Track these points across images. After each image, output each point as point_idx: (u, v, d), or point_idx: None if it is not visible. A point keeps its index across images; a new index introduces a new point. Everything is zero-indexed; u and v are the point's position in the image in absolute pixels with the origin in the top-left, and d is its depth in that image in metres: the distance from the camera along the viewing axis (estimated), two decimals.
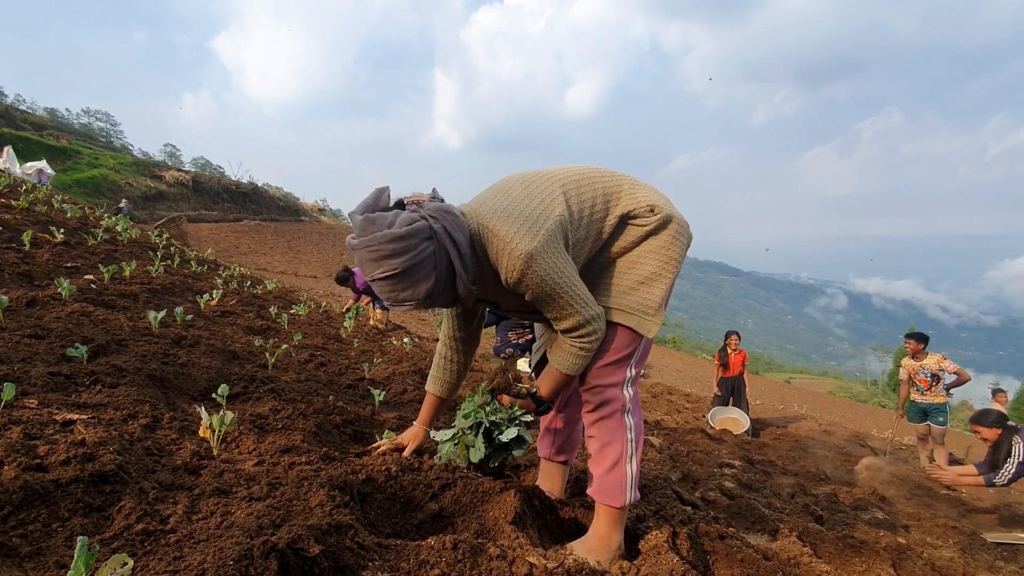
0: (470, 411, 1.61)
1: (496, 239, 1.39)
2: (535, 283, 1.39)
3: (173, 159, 40.54)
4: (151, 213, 22.81)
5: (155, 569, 0.96)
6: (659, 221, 1.58)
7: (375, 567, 1.17)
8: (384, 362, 3.59)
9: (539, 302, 1.45)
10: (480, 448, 1.54)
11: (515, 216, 1.41)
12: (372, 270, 1.26)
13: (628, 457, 1.61)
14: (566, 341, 1.53)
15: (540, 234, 1.39)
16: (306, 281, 19.12)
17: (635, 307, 1.57)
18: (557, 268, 1.41)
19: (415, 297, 1.29)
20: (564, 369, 1.54)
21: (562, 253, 1.45)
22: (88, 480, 1.13)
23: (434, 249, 1.29)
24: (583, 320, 1.47)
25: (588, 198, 1.55)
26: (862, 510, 4.25)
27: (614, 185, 1.61)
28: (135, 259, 3.93)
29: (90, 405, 1.54)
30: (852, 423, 13.65)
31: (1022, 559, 3.60)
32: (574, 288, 1.46)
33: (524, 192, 1.47)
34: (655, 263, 1.59)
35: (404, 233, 1.23)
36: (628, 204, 1.59)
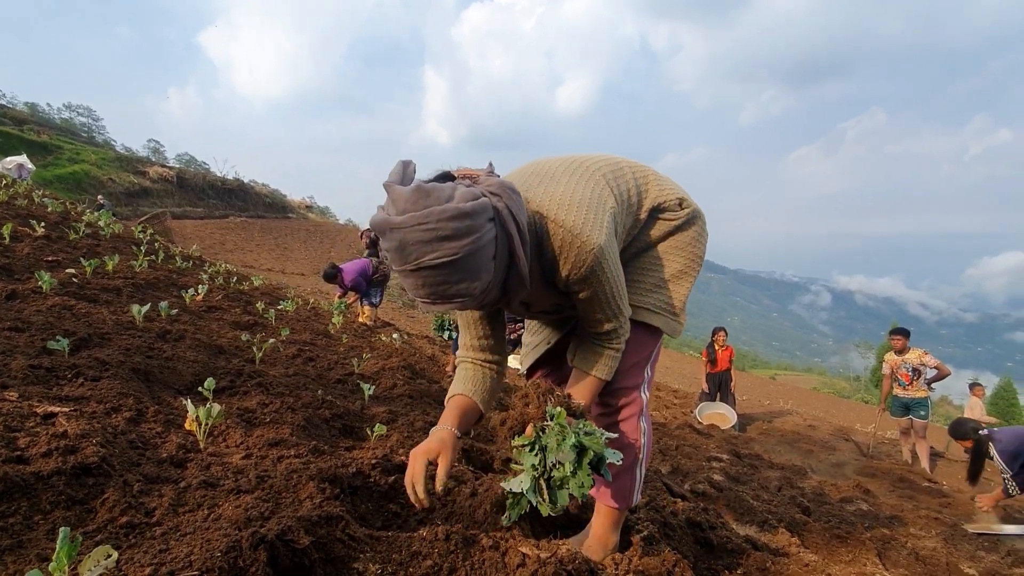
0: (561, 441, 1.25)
1: (562, 230, 1.20)
2: (599, 281, 1.25)
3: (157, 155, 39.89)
4: (134, 210, 22.42)
5: (140, 562, 0.94)
6: (687, 216, 1.50)
7: (366, 558, 1.15)
8: (373, 357, 3.56)
9: (591, 301, 1.30)
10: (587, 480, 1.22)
11: (576, 205, 1.23)
12: (419, 255, 0.99)
13: (640, 462, 1.55)
14: (600, 345, 1.39)
15: (606, 227, 1.24)
16: (294, 279, 18.92)
17: (661, 306, 1.49)
18: (618, 266, 1.30)
19: (470, 291, 1.05)
20: (605, 376, 1.40)
21: (616, 248, 1.33)
22: (70, 472, 1.10)
23: (496, 233, 1.07)
24: (623, 321, 1.37)
25: (624, 188, 1.42)
26: (847, 502, 4.32)
27: (642, 175, 1.49)
28: (118, 254, 3.85)
29: (72, 398, 1.50)
30: (836, 418, 13.84)
31: (1003, 549, 3.67)
32: (623, 287, 1.35)
33: (574, 179, 1.30)
34: (681, 261, 1.51)
35: (470, 209, 1.00)
36: (657, 196, 1.48)
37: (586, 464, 1.23)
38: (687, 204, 1.51)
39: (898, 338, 6.64)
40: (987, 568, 3.22)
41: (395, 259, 1.03)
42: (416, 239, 0.98)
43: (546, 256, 1.24)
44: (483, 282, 1.07)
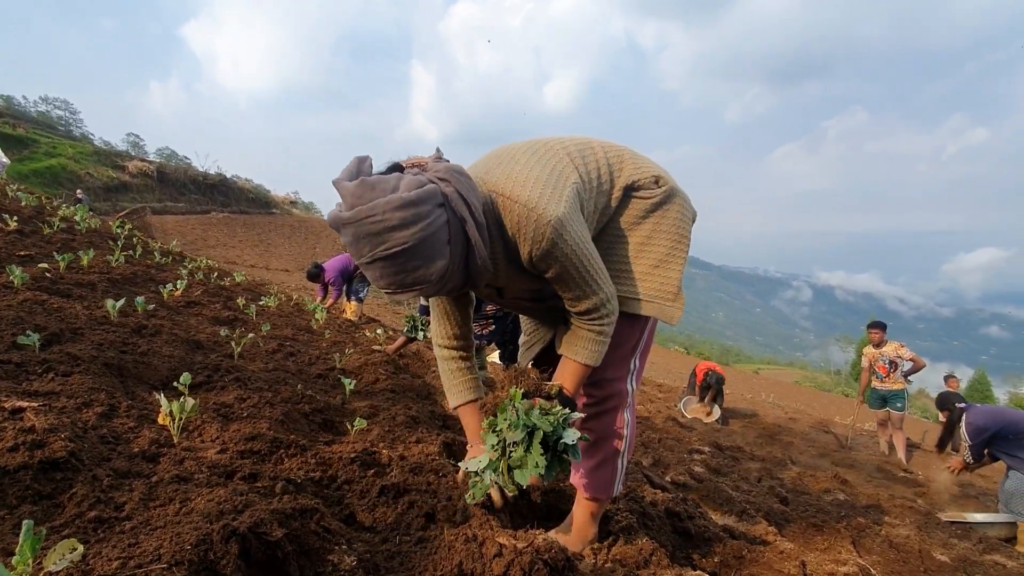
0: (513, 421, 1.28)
1: (517, 206, 1.19)
2: (564, 255, 1.21)
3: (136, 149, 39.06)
4: (113, 204, 21.97)
5: (107, 556, 0.93)
6: (664, 194, 1.44)
7: (342, 551, 1.15)
8: (356, 353, 3.54)
9: (562, 279, 1.27)
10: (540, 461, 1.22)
11: (533, 181, 1.22)
12: (372, 247, 1.01)
13: (622, 454, 1.54)
14: (583, 328, 1.36)
15: (564, 200, 1.21)
16: (277, 275, 18.72)
17: (654, 293, 1.44)
18: (584, 239, 1.25)
19: (428, 278, 1.06)
20: (588, 360, 1.36)
21: (583, 224, 1.29)
22: (37, 467, 1.08)
23: (448, 218, 1.07)
24: (604, 299, 1.32)
25: (593, 166, 1.40)
26: (825, 492, 4.40)
27: (615, 154, 1.46)
28: (94, 249, 3.78)
29: (42, 393, 1.47)
30: (816, 411, 14.09)
31: (974, 536, 3.77)
32: (597, 263, 1.30)
33: (534, 158, 1.29)
34: (667, 243, 1.45)
35: (414, 197, 1.00)
36: (632, 174, 1.44)
37: (537, 444, 1.22)
38: (664, 182, 1.45)
39: (875, 331, 6.78)
40: (959, 555, 3.31)
41: (352, 253, 1.05)
42: (366, 232, 1.00)
43: (508, 236, 1.23)
44: (440, 267, 1.07)
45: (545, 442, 1.25)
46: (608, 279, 1.35)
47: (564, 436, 1.24)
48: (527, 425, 1.24)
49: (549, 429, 1.23)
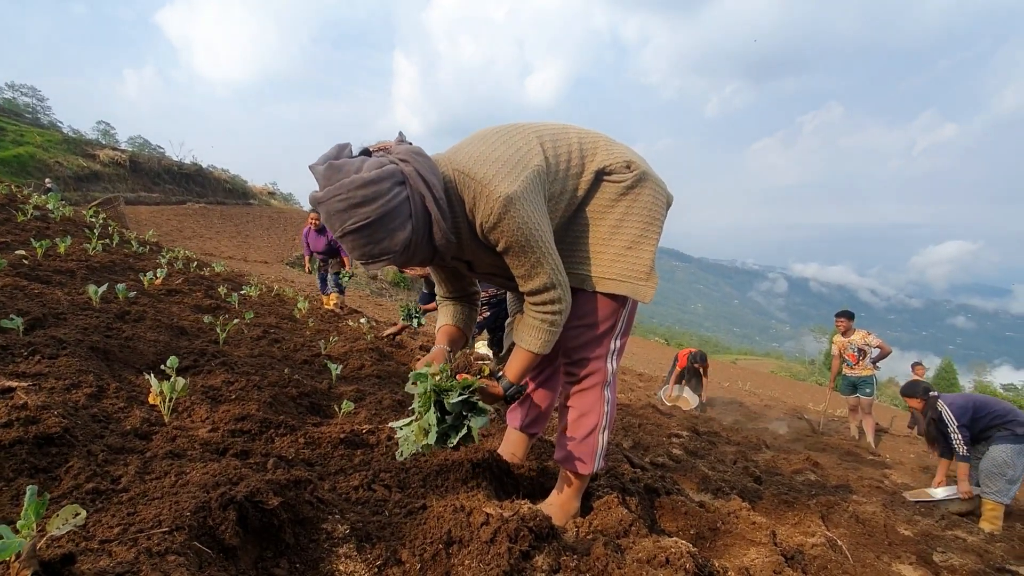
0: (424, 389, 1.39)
1: (473, 182, 1.28)
2: (510, 230, 1.28)
3: (107, 138, 37.89)
4: (84, 195, 21.32)
5: (107, 524, 0.96)
6: (635, 178, 1.50)
7: (335, 520, 1.19)
8: (340, 340, 3.55)
9: (510, 254, 1.34)
10: (432, 420, 1.33)
11: (493, 160, 1.31)
12: (341, 222, 1.14)
13: (602, 428, 1.61)
14: (532, 314, 1.44)
15: (520, 180, 1.29)
16: (256, 267, 18.45)
17: (626, 274, 1.50)
18: (534, 219, 1.32)
19: (392, 248, 1.18)
20: (532, 348, 1.44)
21: (540, 206, 1.36)
22: (32, 442, 1.10)
23: (407, 194, 1.19)
24: (550, 283, 1.38)
25: (564, 151, 1.46)
26: (797, 473, 4.57)
27: (590, 140, 1.52)
28: (70, 237, 3.70)
29: (29, 375, 1.48)
30: (791, 399, 14.47)
31: (937, 513, 3.96)
32: (548, 245, 1.36)
33: (501, 140, 1.37)
34: (639, 225, 1.50)
35: (374, 177, 1.13)
36: (604, 159, 1.49)
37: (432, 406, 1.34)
38: (635, 167, 1.51)
39: (842, 320, 7.01)
40: (922, 530, 3.48)
41: (329, 228, 1.19)
42: (336, 209, 1.13)
43: (467, 211, 1.32)
44: (402, 238, 1.19)
45: (440, 404, 1.34)
46: (560, 268, 1.40)
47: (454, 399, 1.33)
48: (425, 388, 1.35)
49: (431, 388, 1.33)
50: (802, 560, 2.08)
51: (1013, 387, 32.30)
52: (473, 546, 1.22)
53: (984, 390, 27.06)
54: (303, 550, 1.11)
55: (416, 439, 1.36)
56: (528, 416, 1.90)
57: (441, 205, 1.24)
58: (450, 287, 1.71)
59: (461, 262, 1.51)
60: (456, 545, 1.23)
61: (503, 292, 4.26)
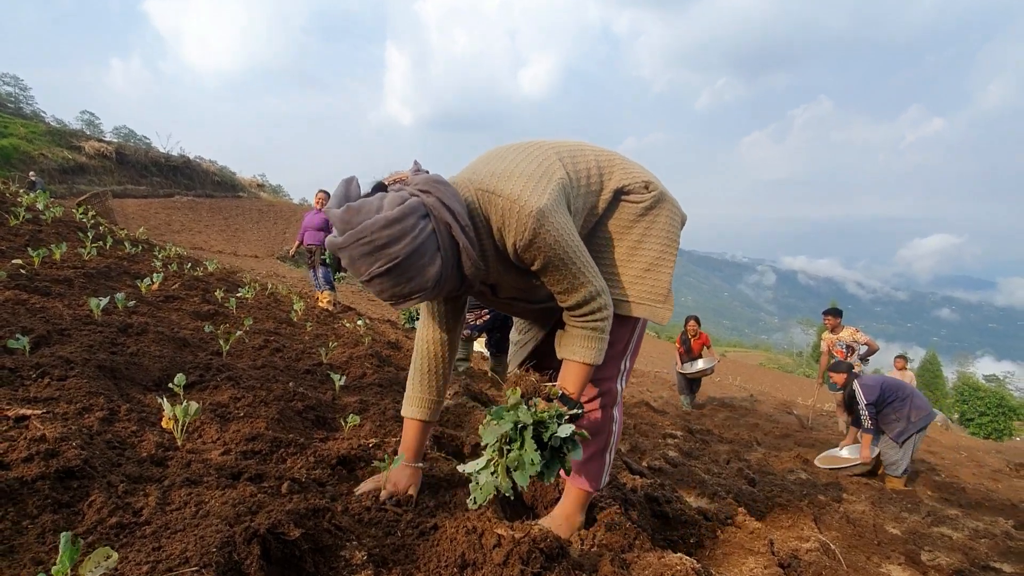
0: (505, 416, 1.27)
1: (501, 199, 1.23)
2: (547, 245, 1.24)
3: (92, 128, 37.17)
4: (70, 187, 20.98)
5: (135, 560, 0.98)
6: (653, 199, 1.49)
7: (352, 546, 1.22)
8: (340, 345, 3.57)
9: (548, 271, 1.29)
10: (534, 458, 1.21)
11: (518, 176, 1.26)
12: (368, 266, 1.09)
13: (609, 448, 1.62)
14: (577, 326, 1.38)
15: (547, 193, 1.25)
16: (247, 261, 18.31)
17: (645, 296, 1.48)
18: (568, 230, 1.28)
19: (425, 285, 1.14)
20: (587, 359, 1.38)
21: (568, 217, 1.31)
22: (54, 476, 1.12)
23: (433, 227, 1.14)
24: (593, 292, 1.33)
25: (583, 167, 1.43)
26: (789, 472, 4.67)
27: (606, 159, 1.50)
28: (64, 241, 3.67)
29: (41, 399, 1.49)
30: (780, 392, 14.69)
31: (924, 510, 4.07)
32: (584, 255, 1.32)
33: (521, 155, 1.34)
34: (657, 247, 1.49)
35: (397, 215, 1.08)
36: (623, 179, 1.47)
37: (529, 439, 1.23)
38: (653, 187, 1.50)
39: (829, 318, 7.15)
40: (909, 528, 3.58)
41: (353, 274, 1.14)
42: (360, 254, 1.08)
43: (495, 232, 1.28)
44: (434, 273, 1.15)
45: (538, 438, 1.24)
46: (598, 273, 1.37)
47: (559, 431, 1.24)
48: (515, 421, 1.24)
49: (530, 421, 1.23)
50: (798, 567, 2.15)
51: (995, 377, 32.96)
52: (486, 569, 1.26)
53: (967, 381, 27.60)
54: None
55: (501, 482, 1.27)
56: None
57: (468, 233, 1.20)
58: (441, 332, 1.58)
59: (485, 287, 1.46)
60: (470, 568, 1.26)
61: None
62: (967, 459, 7.86)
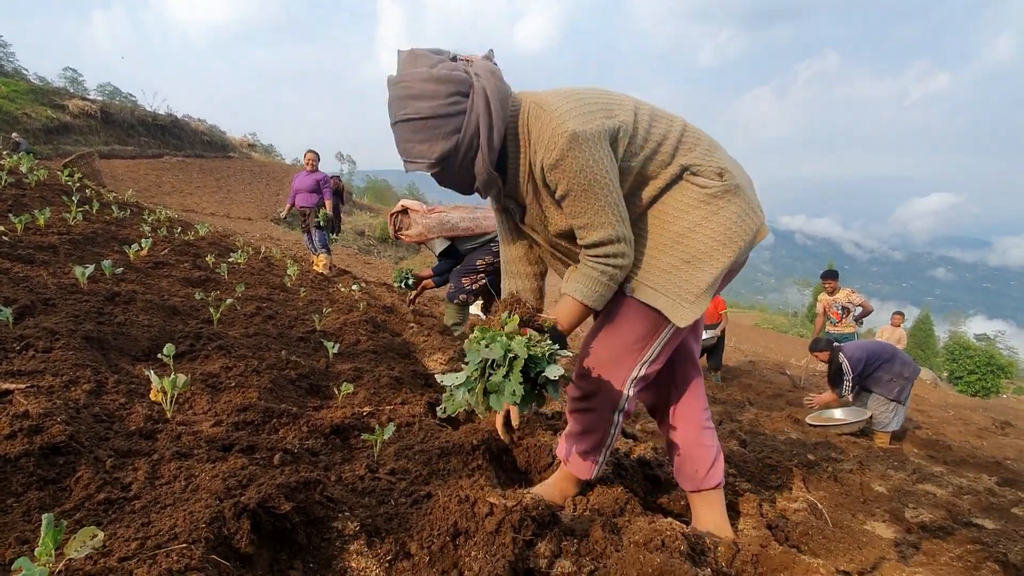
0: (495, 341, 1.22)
1: (545, 114, 1.22)
2: (572, 171, 1.20)
3: (75, 86, 35.94)
4: (55, 148, 20.45)
5: (123, 537, 0.97)
6: (723, 188, 1.33)
7: (345, 517, 1.23)
8: (334, 312, 3.55)
9: (569, 199, 1.24)
10: (517, 389, 1.18)
11: (575, 100, 1.23)
12: (397, 110, 1.17)
13: (605, 447, 1.55)
14: (588, 264, 1.31)
15: (594, 123, 1.20)
16: (240, 224, 18.10)
17: (671, 289, 1.33)
18: (602, 165, 1.22)
19: (428, 155, 1.19)
20: (585, 299, 1.31)
21: (610, 156, 1.24)
22: (39, 453, 1.10)
23: (466, 108, 1.18)
24: (614, 236, 1.26)
25: (660, 132, 1.34)
26: (779, 432, 4.75)
27: (692, 135, 1.38)
28: (48, 205, 3.59)
29: (25, 372, 1.46)
30: (774, 353, 14.87)
31: (910, 467, 4.17)
32: (614, 195, 1.25)
33: (595, 89, 1.30)
34: (708, 241, 1.32)
35: (441, 76, 1.14)
36: (697, 158, 1.35)
37: (517, 371, 1.19)
38: (729, 177, 1.35)
39: (830, 282, 7.16)
40: (895, 485, 3.67)
41: (389, 115, 1.21)
42: (397, 95, 1.17)
43: (532, 147, 1.26)
44: (440, 151, 1.19)
45: (526, 372, 1.21)
46: (625, 221, 1.29)
47: (547, 371, 1.21)
48: (509, 350, 1.20)
49: (527, 355, 1.19)
50: (785, 527, 2.20)
51: (985, 336, 33.42)
52: (479, 537, 1.27)
53: (958, 340, 28.01)
54: (316, 549, 1.15)
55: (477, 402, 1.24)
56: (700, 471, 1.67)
57: (493, 136, 1.21)
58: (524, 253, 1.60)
59: (516, 205, 1.41)
60: (462, 536, 1.28)
61: (499, 259, 4.23)
62: (954, 417, 8.04)
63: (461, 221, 4.12)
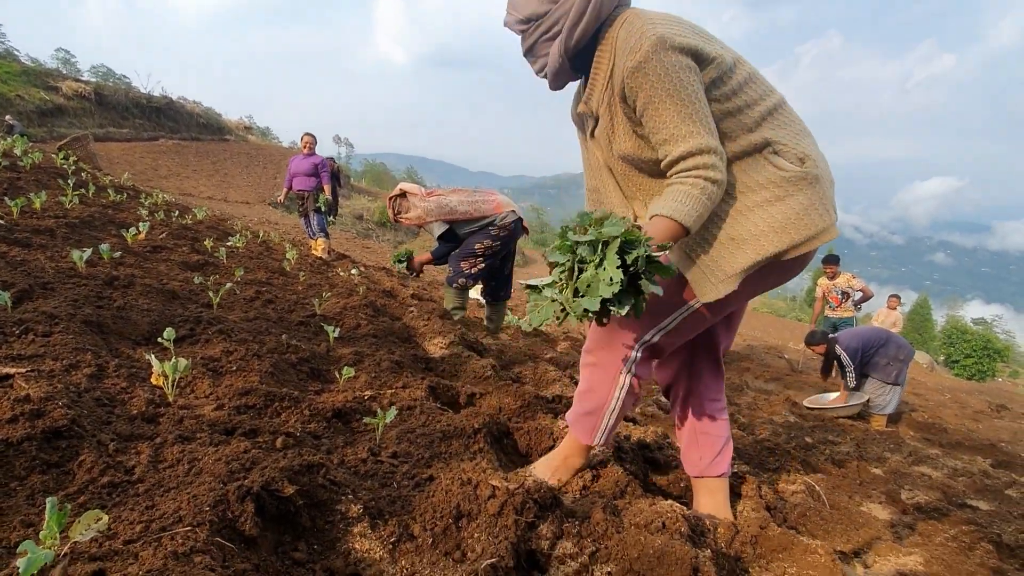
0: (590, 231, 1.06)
1: (638, 20, 1.19)
2: (655, 75, 1.13)
3: (68, 67, 35.43)
4: (49, 131, 20.23)
5: (128, 520, 0.98)
6: (800, 175, 1.24)
7: (348, 500, 1.23)
8: (333, 296, 3.54)
9: (651, 109, 1.17)
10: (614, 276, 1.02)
11: (674, 17, 1.21)
12: None
13: (609, 410, 1.48)
14: (676, 181, 1.19)
15: (686, 38, 1.16)
16: (238, 207, 18.01)
17: (705, 261, 1.27)
18: (688, 74, 1.15)
19: (522, 10, 1.28)
20: (677, 215, 1.15)
21: (699, 75, 1.18)
22: (41, 437, 1.10)
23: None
24: (704, 146, 1.16)
25: (752, 94, 1.27)
26: (777, 415, 4.79)
27: (787, 113, 1.31)
28: (44, 189, 3.55)
29: (25, 357, 1.46)
30: (772, 337, 14.94)
31: (906, 450, 4.21)
32: (700, 106, 1.17)
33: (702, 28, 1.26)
34: (764, 227, 1.23)
35: None
36: (784, 137, 1.28)
37: (613, 254, 1.03)
38: (809, 165, 1.26)
39: (831, 266, 7.15)
40: (891, 467, 3.71)
41: None
42: None
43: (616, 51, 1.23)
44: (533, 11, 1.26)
45: (623, 257, 1.05)
46: (715, 133, 1.19)
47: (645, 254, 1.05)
48: (597, 238, 1.05)
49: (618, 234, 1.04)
50: (783, 508, 2.22)
51: (983, 321, 33.56)
52: (481, 519, 1.28)
53: (955, 324, 28.13)
54: (320, 532, 1.15)
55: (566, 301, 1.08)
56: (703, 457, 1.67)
57: (578, 26, 1.23)
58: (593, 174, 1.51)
59: (590, 117, 1.36)
60: (465, 519, 1.29)
61: (498, 243, 4.22)
62: (950, 400, 8.10)
63: (459, 205, 4.09)
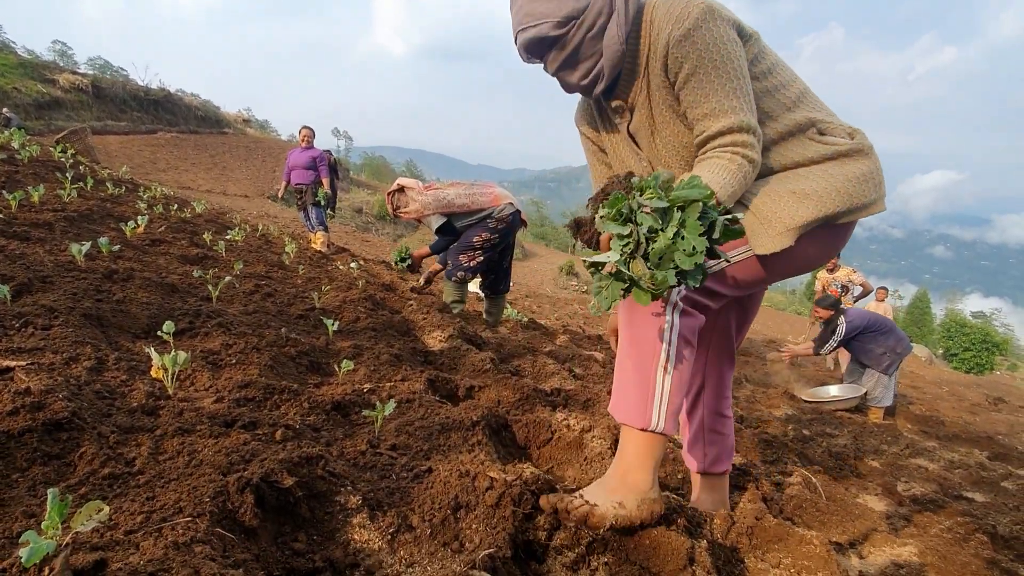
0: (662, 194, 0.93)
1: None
2: (704, 44, 1.09)
3: (65, 59, 35.20)
4: (47, 124, 20.14)
5: (129, 510, 0.98)
6: (854, 147, 1.21)
7: (347, 491, 1.24)
8: (333, 289, 3.54)
9: (694, 80, 1.12)
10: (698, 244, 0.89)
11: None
12: None
13: (661, 365, 1.15)
14: (713, 155, 1.14)
15: (731, 14, 1.14)
16: (237, 201, 17.97)
17: (763, 210, 1.16)
18: (735, 47, 1.13)
19: (555, 14, 1.10)
20: (717, 187, 1.07)
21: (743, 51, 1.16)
22: (42, 429, 1.11)
23: None
24: (744, 123, 1.13)
25: (783, 76, 1.25)
26: (775, 408, 4.81)
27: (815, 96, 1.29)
28: (42, 182, 3.54)
29: (25, 350, 1.46)
30: (771, 330, 14.96)
31: (903, 442, 4.23)
32: (743, 81, 1.14)
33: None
34: (825, 184, 1.15)
35: None
36: (826, 117, 1.25)
37: (694, 219, 0.91)
38: (860, 138, 1.23)
39: (832, 259, 7.15)
40: (888, 460, 3.73)
41: None
42: None
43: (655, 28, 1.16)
44: (572, 8, 1.11)
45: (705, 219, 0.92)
46: (754, 111, 1.17)
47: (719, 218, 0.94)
48: (672, 200, 0.92)
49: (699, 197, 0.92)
50: (780, 500, 2.24)
51: (982, 314, 33.62)
52: (479, 510, 1.29)
53: (954, 317, 28.18)
54: (319, 522, 1.17)
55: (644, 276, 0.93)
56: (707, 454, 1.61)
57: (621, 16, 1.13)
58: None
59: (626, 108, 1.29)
60: (463, 510, 1.30)
61: (496, 236, 4.22)
62: (948, 393, 8.13)
63: (457, 198, 4.09)
